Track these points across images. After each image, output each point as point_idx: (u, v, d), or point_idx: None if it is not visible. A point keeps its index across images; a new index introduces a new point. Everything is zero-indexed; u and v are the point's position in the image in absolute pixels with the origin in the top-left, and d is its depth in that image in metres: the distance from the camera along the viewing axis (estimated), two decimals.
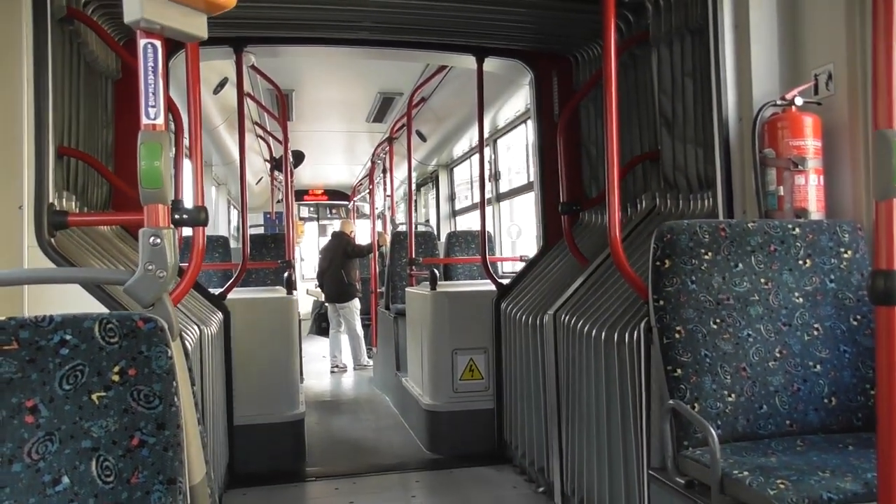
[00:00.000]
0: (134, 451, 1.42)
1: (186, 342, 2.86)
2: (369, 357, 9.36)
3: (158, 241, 1.67)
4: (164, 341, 1.47)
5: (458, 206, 10.56)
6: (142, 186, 1.67)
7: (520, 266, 6.10)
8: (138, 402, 1.44)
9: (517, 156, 8.26)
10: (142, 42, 1.64)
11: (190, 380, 1.78)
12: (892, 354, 1.48)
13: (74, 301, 2.41)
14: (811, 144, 2.62)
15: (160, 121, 1.67)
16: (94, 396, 1.43)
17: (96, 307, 2.49)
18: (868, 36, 1.54)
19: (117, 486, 1.40)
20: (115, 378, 1.44)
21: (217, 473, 3.78)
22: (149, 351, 1.46)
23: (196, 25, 1.71)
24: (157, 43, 1.65)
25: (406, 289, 6.37)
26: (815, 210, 2.62)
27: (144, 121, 1.66)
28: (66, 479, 1.39)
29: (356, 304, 9.36)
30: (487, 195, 8.12)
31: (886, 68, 1.49)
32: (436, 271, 5.44)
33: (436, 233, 10.11)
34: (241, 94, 4.87)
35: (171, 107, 3.91)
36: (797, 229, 2.45)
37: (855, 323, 2.40)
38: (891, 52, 1.48)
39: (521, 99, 6.66)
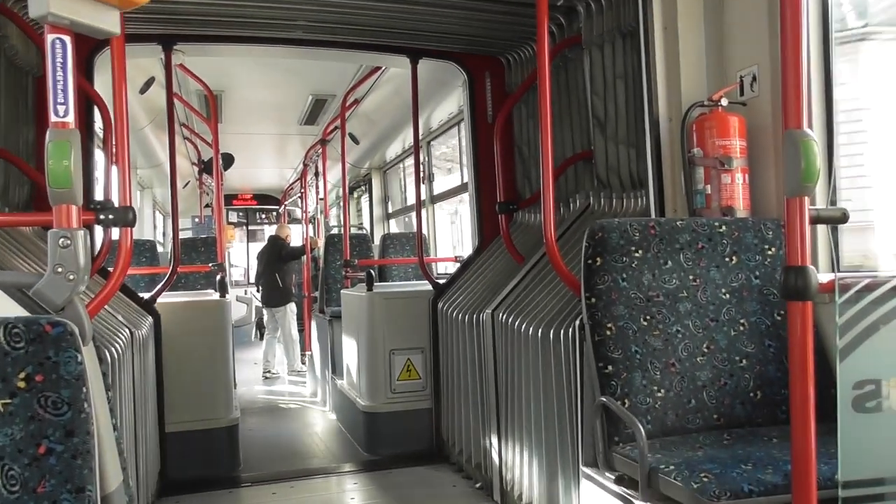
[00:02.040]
0: (41, 460, 1.38)
1: (115, 346, 2.77)
2: (303, 363, 9.25)
3: (68, 242, 1.62)
4: (74, 346, 1.42)
5: (391, 209, 10.54)
6: (50, 186, 1.62)
7: (454, 267, 6.13)
8: (45, 409, 1.39)
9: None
10: (49, 37, 1.59)
11: (105, 385, 1.73)
12: (805, 348, 1.53)
13: None
14: (737, 144, 2.70)
15: (70, 118, 1.61)
16: None
17: (15, 310, 2.39)
18: None
19: (23, 496, 1.36)
20: (21, 384, 1.39)
21: (148, 481, 3.67)
22: (57, 356, 1.41)
23: (108, 21, 1.65)
24: (66, 38, 1.60)
25: (342, 291, 6.32)
26: (741, 208, 2.70)
27: (53, 118, 1.60)
28: None
29: (292, 307, 9.26)
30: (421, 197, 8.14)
31: (794, 70, 1.54)
32: (372, 273, 5.42)
33: (370, 235, 10.08)
34: (170, 94, 4.75)
35: (98, 105, 3.79)
36: (723, 227, 2.51)
37: (779, 318, 2.47)
38: (798, 55, 1.54)
39: (453, 102, 6.69)
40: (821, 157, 1.55)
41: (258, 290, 9.63)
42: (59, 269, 1.61)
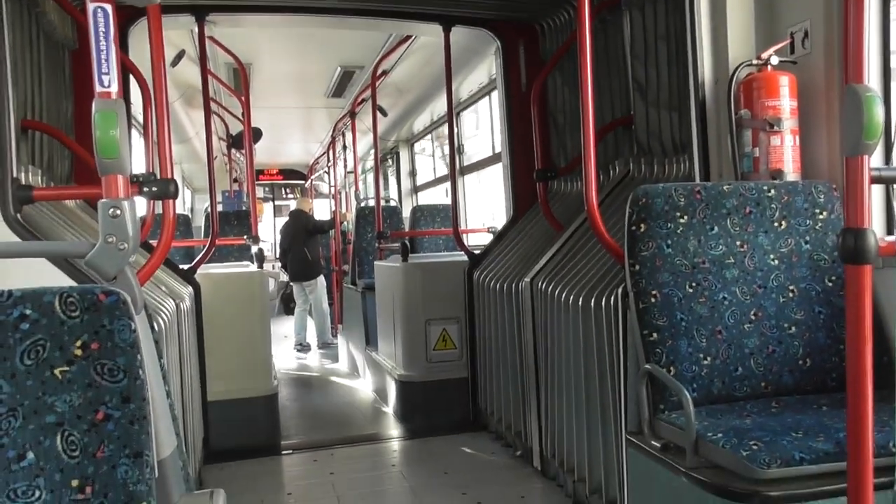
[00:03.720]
0: (99, 426, 1.40)
1: (161, 316, 2.80)
2: (334, 335, 9.32)
3: (118, 212, 1.63)
4: (127, 314, 1.43)
5: (419, 182, 10.52)
6: (98, 156, 1.63)
7: (486, 238, 6.12)
8: (102, 376, 1.41)
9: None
10: (91, 6, 1.59)
11: (157, 352, 1.75)
12: (861, 313, 1.47)
13: (42, 275, 2.35)
14: (787, 105, 2.61)
15: (114, 88, 1.62)
16: (56, 371, 1.40)
17: (65, 281, 2.43)
18: None
19: (83, 461, 1.38)
20: (78, 352, 1.41)
21: (193, 449, 3.74)
22: (111, 324, 1.42)
23: None
24: (108, 7, 1.60)
25: (375, 262, 6.35)
26: (791, 171, 2.61)
27: (98, 89, 1.61)
28: (30, 455, 1.37)
29: (322, 281, 9.29)
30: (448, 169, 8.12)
31: (857, 23, 1.47)
32: (407, 244, 5.42)
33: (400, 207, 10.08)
34: (204, 67, 4.76)
35: (137, 77, 3.81)
36: (772, 191, 2.44)
37: (830, 284, 2.42)
38: (861, 6, 1.46)
39: (482, 72, 6.63)
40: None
41: (283, 266, 9.53)
42: (111, 239, 1.62)
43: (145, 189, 2.39)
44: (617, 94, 3.97)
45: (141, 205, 3.76)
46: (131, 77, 3.83)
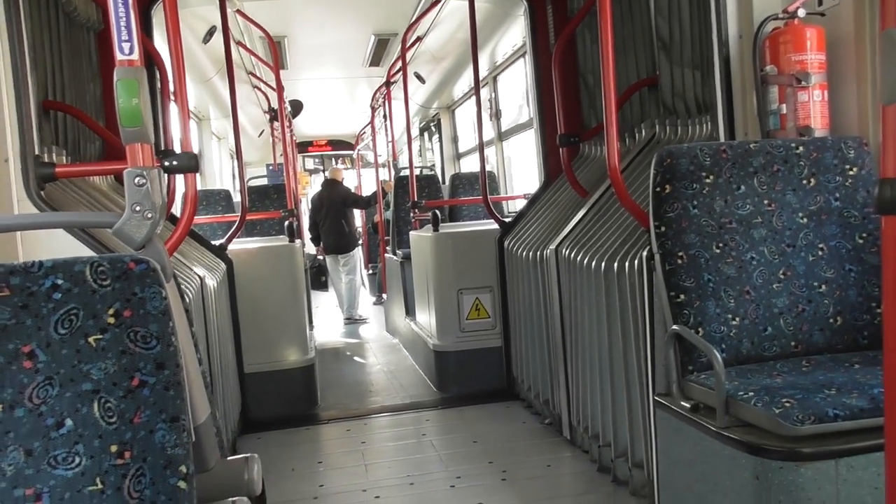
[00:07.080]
0: (135, 392, 1.41)
1: (191, 288, 2.85)
2: (380, 302, 9.32)
3: (144, 181, 1.64)
4: (158, 282, 1.44)
5: (462, 148, 10.45)
6: (122, 125, 1.64)
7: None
8: (136, 343, 1.42)
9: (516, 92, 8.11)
10: None
11: (188, 321, 1.76)
12: None
13: (67, 250, 2.40)
14: (815, 58, 2.52)
15: (135, 55, 1.62)
16: (90, 339, 1.41)
17: (87, 253, 2.48)
18: None
19: (121, 426, 1.40)
20: (111, 320, 1.42)
21: (230, 419, 3.83)
22: (142, 292, 1.43)
23: None
24: None
25: (410, 232, 6.36)
26: (820, 127, 2.53)
27: (119, 56, 1.62)
28: (69, 422, 1.39)
29: (359, 252, 9.21)
30: (491, 134, 8.04)
31: None
32: (437, 213, 5.40)
33: (441, 176, 10.03)
34: (227, 41, 4.77)
35: (155, 59, 3.84)
36: (801, 148, 2.37)
37: (860, 241, 2.35)
38: None
39: (517, 33, 6.52)
40: None
41: (313, 239, 9.14)
42: (137, 209, 1.64)
43: (166, 163, 2.42)
44: (642, 53, 3.87)
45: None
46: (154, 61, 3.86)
